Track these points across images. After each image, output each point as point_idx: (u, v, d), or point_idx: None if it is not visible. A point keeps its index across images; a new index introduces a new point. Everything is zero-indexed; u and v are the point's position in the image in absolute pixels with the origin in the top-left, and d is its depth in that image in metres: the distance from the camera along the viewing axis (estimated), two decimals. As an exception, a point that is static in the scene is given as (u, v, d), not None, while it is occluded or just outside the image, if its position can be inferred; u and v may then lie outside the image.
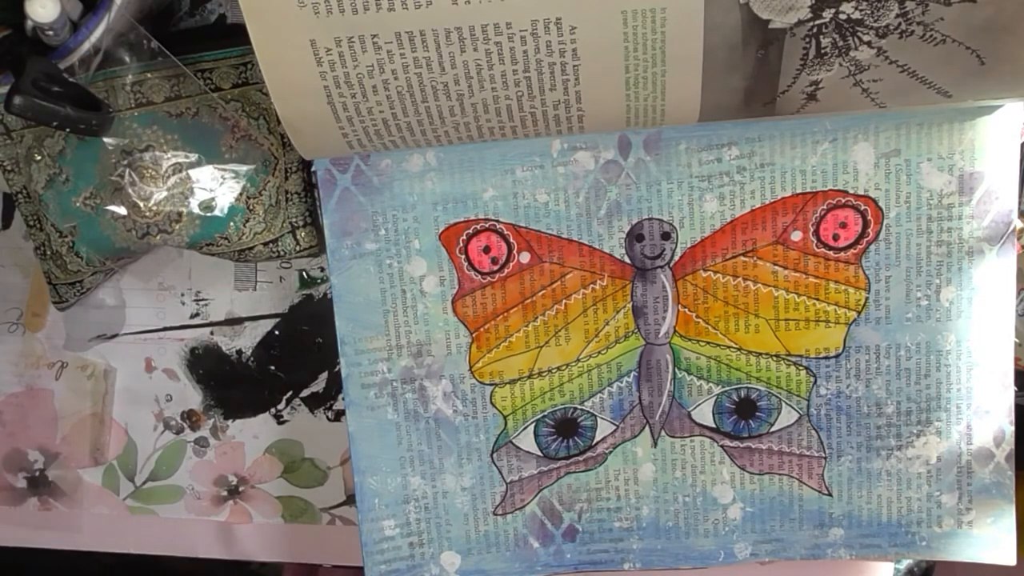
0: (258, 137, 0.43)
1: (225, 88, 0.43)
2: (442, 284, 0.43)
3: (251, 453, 0.49)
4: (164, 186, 0.42)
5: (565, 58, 0.35)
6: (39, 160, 0.43)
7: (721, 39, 0.34)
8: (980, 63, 0.35)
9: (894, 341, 0.43)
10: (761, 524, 0.45)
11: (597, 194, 0.42)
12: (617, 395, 0.44)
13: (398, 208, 0.42)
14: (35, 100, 0.36)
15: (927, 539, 0.44)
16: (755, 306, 0.43)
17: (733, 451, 0.44)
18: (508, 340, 0.43)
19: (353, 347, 0.43)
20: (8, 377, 0.50)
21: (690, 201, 0.42)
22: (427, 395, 0.44)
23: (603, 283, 0.43)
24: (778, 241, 0.42)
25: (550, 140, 0.41)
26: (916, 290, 0.42)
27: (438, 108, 0.37)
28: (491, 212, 0.42)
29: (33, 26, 0.37)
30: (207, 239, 0.43)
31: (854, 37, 0.34)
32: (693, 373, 0.44)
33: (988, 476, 0.44)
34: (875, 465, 0.44)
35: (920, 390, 0.43)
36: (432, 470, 0.45)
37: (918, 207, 0.41)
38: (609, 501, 0.45)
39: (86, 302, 0.48)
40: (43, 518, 0.51)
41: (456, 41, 0.34)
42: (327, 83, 0.35)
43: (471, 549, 0.45)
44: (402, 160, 0.42)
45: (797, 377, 0.43)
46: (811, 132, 0.41)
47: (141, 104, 0.42)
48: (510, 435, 0.44)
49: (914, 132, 0.41)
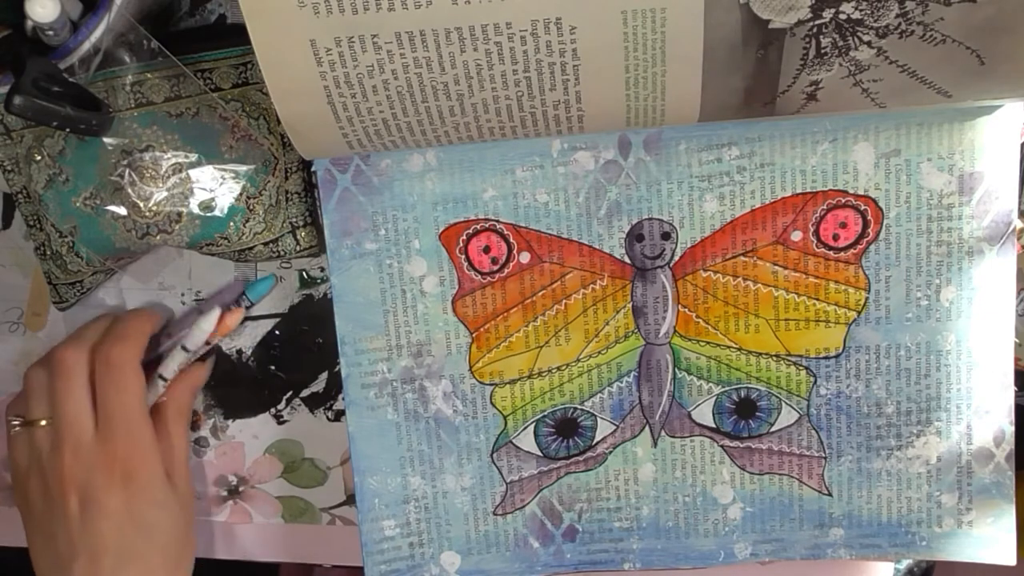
0: (258, 137, 0.43)
1: (225, 88, 0.43)
2: (442, 284, 0.43)
3: (251, 453, 0.49)
4: (164, 186, 0.42)
5: (565, 58, 0.35)
6: (39, 160, 0.43)
7: (721, 39, 0.34)
8: (980, 63, 0.35)
9: (894, 341, 0.43)
10: (761, 524, 0.45)
11: (597, 194, 0.42)
12: (617, 395, 0.44)
13: (398, 208, 0.42)
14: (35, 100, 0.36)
15: (927, 539, 0.44)
16: (755, 306, 0.43)
17: (733, 451, 0.44)
18: (508, 340, 0.43)
19: (353, 347, 0.43)
20: (9, 377, 0.50)
21: (690, 201, 0.42)
22: (427, 395, 0.44)
23: (603, 283, 0.43)
24: (778, 241, 0.42)
25: (550, 140, 0.41)
26: (916, 290, 0.42)
27: (438, 108, 0.37)
28: (491, 212, 0.42)
29: (33, 26, 0.37)
30: (207, 239, 0.43)
31: (854, 37, 0.34)
32: (693, 373, 0.44)
33: (988, 476, 0.44)
34: (875, 465, 0.44)
35: (920, 390, 0.43)
36: (432, 470, 0.45)
37: (918, 207, 0.41)
38: (609, 501, 0.45)
39: (86, 302, 0.48)
40: (43, 518, 0.51)
41: (456, 41, 0.34)
42: (327, 83, 0.35)
43: (471, 549, 0.45)
44: (402, 160, 0.42)
45: (797, 377, 0.44)
46: (811, 132, 0.41)
47: (141, 104, 0.42)
48: (510, 435, 0.44)
49: (914, 132, 0.41)
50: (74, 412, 0.42)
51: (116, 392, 0.42)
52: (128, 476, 0.42)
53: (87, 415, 0.42)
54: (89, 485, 0.42)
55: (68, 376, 0.43)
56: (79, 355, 0.43)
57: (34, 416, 0.44)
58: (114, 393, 0.42)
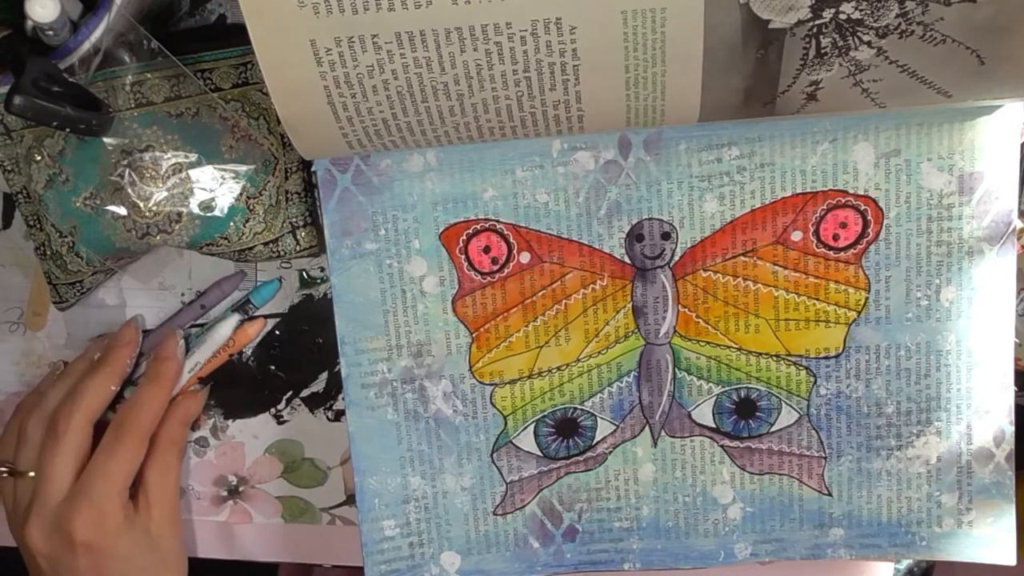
0: (258, 137, 0.43)
1: (225, 88, 0.43)
2: (442, 284, 0.43)
3: (251, 453, 0.49)
4: (164, 186, 0.42)
5: (565, 58, 0.35)
6: (39, 160, 0.43)
7: (721, 39, 0.34)
8: (980, 63, 0.35)
9: (894, 341, 0.43)
10: (761, 524, 0.45)
11: (597, 194, 0.42)
12: (617, 395, 0.44)
13: (398, 208, 0.42)
14: (35, 100, 0.36)
15: (927, 539, 0.44)
16: (755, 306, 0.43)
17: (733, 451, 0.44)
18: (508, 340, 0.43)
19: (353, 347, 0.43)
20: (9, 376, 0.50)
21: (690, 201, 0.42)
22: (427, 395, 0.44)
23: (603, 283, 0.43)
24: (778, 241, 0.42)
25: (550, 140, 0.41)
26: (916, 290, 0.42)
27: (438, 108, 0.37)
28: (491, 212, 0.42)
29: (33, 26, 0.37)
30: (207, 239, 0.43)
31: (854, 37, 0.34)
32: (693, 373, 0.44)
33: (988, 476, 0.43)
34: (875, 465, 0.44)
35: (920, 390, 0.43)
36: (432, 470, 0.45)
37: (918, 207, 0.41)
38: (609, 501, 0.45)
39: (86, 302, 0.48)
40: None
41: (456, 41, 0.34)
42: (327, 83, 0.35)
43: (471, 549, 0.45)
44: (402, 160, 0.42)
45: (797, 377, 0.43)
46: (811, 132, 0.41)
47: (141, 104, 0.42)
48: (510, 435, 0.44)
49: (914, 132, 0.41)
50: (55, 476, 0.43)
51: (104, 460, 0.44)
52: (88, 546, 0.43)
53: (67, 480, 0.43)
54: (55, 550, 0.43)
55: (58, 439, 0.44)
56: (76, 422, 0.44)
57: (21, 468, 0.45)
58: (103, 460, 0.44)
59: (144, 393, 0.45)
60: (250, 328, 0.47)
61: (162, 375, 0.45)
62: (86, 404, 0.44)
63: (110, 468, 0.43)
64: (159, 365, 0.45)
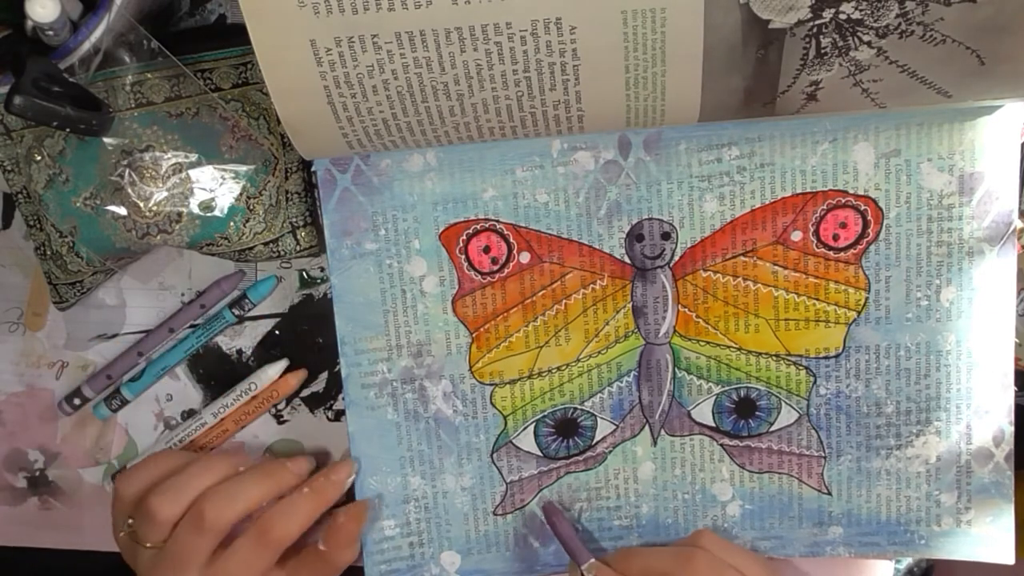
0: (258, 137, 0.43)
1: (225, 88, 0.43)
2: (442, 284, 0.43)
3: (251, 453, 0.49)
4: (164, 186, 0.42)
5: (565, 58, 0.35)
6: (39, 160, 0.43)
7: (721, 39, 0.34)
8: (980, 63, 0.35)
9: (894, 341, 0.43)
10: (760, 521, 0.45)
11: (597, 194, 0.42)
12: (617, 395, 0.44)
13: (398, 208, 0.42)
14: (35, 100, 0.36)
15: (926, 538, 0.44)
16: (755, 306, 0.43)
17: (732, 450, 0.45)
18: (508, 340, 0.43)
19: (353, 347, 0.43)
20: (9, 376, 0.50)
21: (690, 201, 0.42)
22: (427, 395, 0.44)
23: (603, 283, 0.43)
24: (778, 241, 0.42)
25: (550, 140, 0.41)
26: (916, 290, 0.42)
27: (438, 108, 0.37)
28: (491, 212, 0.42)
29: (33, 26, 0.37)
30: (207, 239, 0.43)
31: (854, 37, 0.34)
32: (693, 373, 0.44)
33: (987, 476, 0.44)
34: (874, 464, 0.44)
35: (920, 390, 0.43)
36: (432, 470, 0.45)
37: (918, 207, 0.41)
38: (609, 500, 0.45)
39: (86, 302, 0.48)
40: (43, 518, 0.51)
41: (456, 41, 0.34)
42: (327, 83, 0.35)
43: (471, 549, 0.45)
44: (402, 160, 0.42)
45: (797, 377, 0.44)
46: (811, 132, 0.41)
47: (141, 104, 0.42)
48: (510, 435, 0.44)
49: (914, 132, 0.41)
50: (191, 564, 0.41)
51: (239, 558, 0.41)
52: None
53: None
54: None
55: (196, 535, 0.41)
56: (222, 525, 0.41)
57: (147, 540, 0.42)
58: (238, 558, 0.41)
59: (303, 506, 0.42)
60: (293, 378, 0.47)
61: (327, 495, 0.43)
62: (245, 509, 0.42)
63: (241, 572, 0.41)
64: (328, 484, 0.43)
